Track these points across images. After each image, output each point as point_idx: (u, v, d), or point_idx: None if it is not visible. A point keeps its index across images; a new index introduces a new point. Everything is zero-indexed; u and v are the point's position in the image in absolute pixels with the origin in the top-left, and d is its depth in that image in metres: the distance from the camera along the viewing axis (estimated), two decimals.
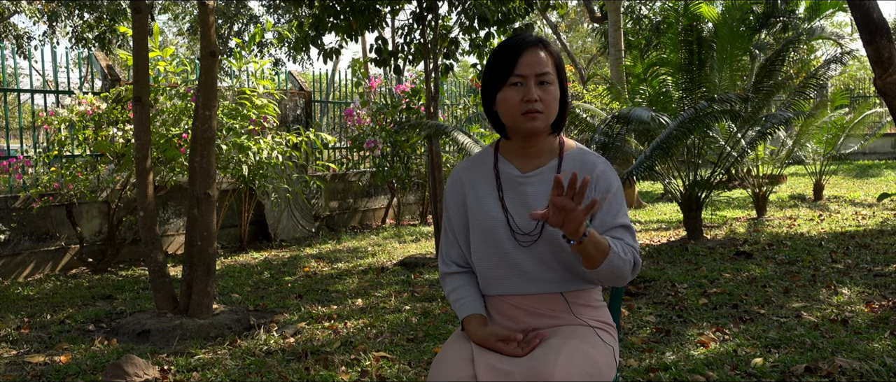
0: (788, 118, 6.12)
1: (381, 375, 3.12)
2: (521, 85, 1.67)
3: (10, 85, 6.53)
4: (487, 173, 1.80)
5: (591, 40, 28.31)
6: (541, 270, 1.72)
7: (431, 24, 5.99)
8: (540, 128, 1.70)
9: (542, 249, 1.71)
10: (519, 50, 1.68)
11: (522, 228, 1.71)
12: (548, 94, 1.68)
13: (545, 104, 1.68)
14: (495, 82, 1.71)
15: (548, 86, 1.68)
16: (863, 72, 22.62)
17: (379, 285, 5.14)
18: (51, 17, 14.62)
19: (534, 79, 1.67)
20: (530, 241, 1.71)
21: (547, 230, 1.70)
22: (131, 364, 3.14)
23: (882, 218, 7.69)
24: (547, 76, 1.68)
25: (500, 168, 1.79)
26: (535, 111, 1.67)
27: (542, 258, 1.71)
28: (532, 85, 1.67)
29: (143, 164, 4.11)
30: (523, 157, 1.78)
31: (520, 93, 1.67)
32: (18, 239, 5.75)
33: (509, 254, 1.72)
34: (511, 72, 1.67)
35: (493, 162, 1.81)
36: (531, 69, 1.67)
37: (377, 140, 8.37)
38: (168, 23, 25.56)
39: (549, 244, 1.70)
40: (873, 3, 4.25)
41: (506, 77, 1.68)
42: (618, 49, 10.92)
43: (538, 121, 1.68)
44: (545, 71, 1.68)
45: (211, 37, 4.02)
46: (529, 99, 1.66)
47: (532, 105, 1.66)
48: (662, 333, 3.63)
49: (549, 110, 1.69)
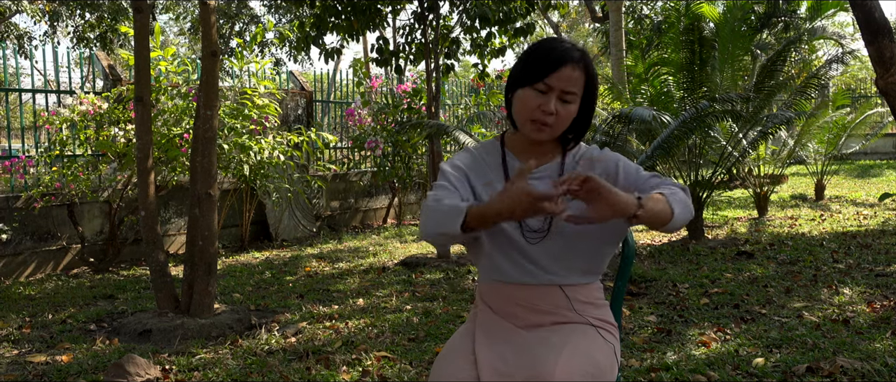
0: (790, 118, 6.11)
1: (383, 375, 3.12)
2: (544, 93, 1.66)
3: (11, 85, 6.54)
4: (496, 165, 1.79)
5: (592, 40, 28.30)
6: (546, 261, 1.71)
7: (433, 24, 5.99)
8: (543, 139, 1.71)
9: (550, 245, 1.70)
10: (561, 62, 1.65)
11: (531, 225, 1.71)
12: (565, 110, 1.68)
13: (558, 119, 1.67)
14: (522, 79, 1.70)
15: (567, 105, 1.68)
16: (864, 72, 22.59)
17: (380, 285, 5.14)
18: (52, 17, 14.62)
19: (558, 93, 1.66)
20: (538, 238, 1.70)
21: (555, 226, 1.69)
22: (133, 363, 3.14)
23: (883, 219, 7.68)
24: (571, 95, 1.67)
25: (508, 162, 1.78)
26: (545, 124, 1.67)
27: (549, 251, 1.71)
28: (554, 98, 1.66)
29: (145, 164, 4.11)
30: (528, 152, 1.77)
31: (539, 101, 1.66)
32: (20, 239, 5.76)
33: (517, 246, 1.71)
34: (541, 78, 1.66)
35: (501, 155, 1.80)
36: (560, 84, 1.65)
37: (378, 140, 8.37)
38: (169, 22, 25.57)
39: (557, 240, 1.70)
40: (875, 3, 4.25)
41: (534, 80, 1.67)
42: (619, 49, 10.92)
43: (543, 133, 1.69)
44: (572, 91, 1.67)
45: (212, 36, 4.02)
46: (546, 110, 1.66)
47: (545, 117, 1.66)
48: (664, 333, 3.63)
49: (559, 126, 1.69)
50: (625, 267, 1.98)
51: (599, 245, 1.74)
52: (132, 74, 5.70)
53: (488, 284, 1.78)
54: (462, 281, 5.16)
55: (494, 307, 1.77)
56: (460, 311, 4.20)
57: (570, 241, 1.70)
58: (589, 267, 1.75)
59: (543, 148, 1.77)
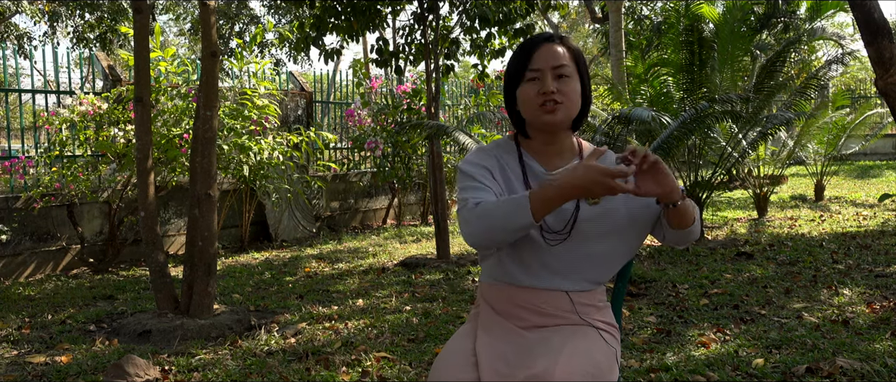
0: (789, 119, 6.12)
1: (382, 375, 3.12)
2: (537, 79, 1.66)
3: (10, 85, 6.54)
4: (514, 163, 1.75)
5: (592, 41, 28.30)
6: (557, 265, 1.70)
7: (432, 25, 5.99)
8: (559, 120, 1.66)
9: (566, 251, 1.69)
10: (534, 46, 1.67)
11: (552, 227, 1.68)
12: (567, 87, 1.66)
13: (565, 95, 1.65)
14: (514, 81, 1.70)
15: (566, 79, 1.66)
16: (864, 72, 22.60)
17: (380, 285, 5.14)
18: (51, 17, 14.61)
19: (550, 72, 1.65)
20: (559, 240, 1.69)
21: (576, 231, 1.68)
22: (132, 364, 3.14)
23: (883, 219, 7.68)
24: (564, 69, 1.66)
25: (526, 162, 1.76)
26: (554, 102, 1.64)
27: (561, 257, 1.69)
28: (549, 77, 1.65)
29: (145, 165, 4.11)
30: (545, 156, 1.75)
31: (537, 87, 1.66)
32: (20, 240, 5.75)
33: (534, 250, 1.69)
34: (526, 67, 1.66)
35: (518, 155, 1.76)
36: (547, 62, 1.65)
37: (378, 140, 8.37)
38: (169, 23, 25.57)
39: (574, 245, 1.69)
40: (875, 4, 4.25)
41: (523, 73, 1.67)
42: (619, 49, 10.93)
43: (558, 112, 1.65)
44: (562, 63, 1.66)
45: (212, 37, 4.02)
46: (546, 91, 1.64)
47: (549, 97, 1.64)
48: (663, 334, 3.63)
49: (569, 102, 1.66)
50: (625, 267, 1.98)
51: (615, 253, 1.73)
52: (132, 75, 5.70)
53: (492, 284, 1.77)
54: (462, 281, 5.16)
55: (497, 307, 1.76)
56: (460, 312, 4.20)
57: (589, 245, 1.68)
58: (598, 276, 1.74)
59: (558, 146, 1.75)
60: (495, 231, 1.55)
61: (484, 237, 1.58)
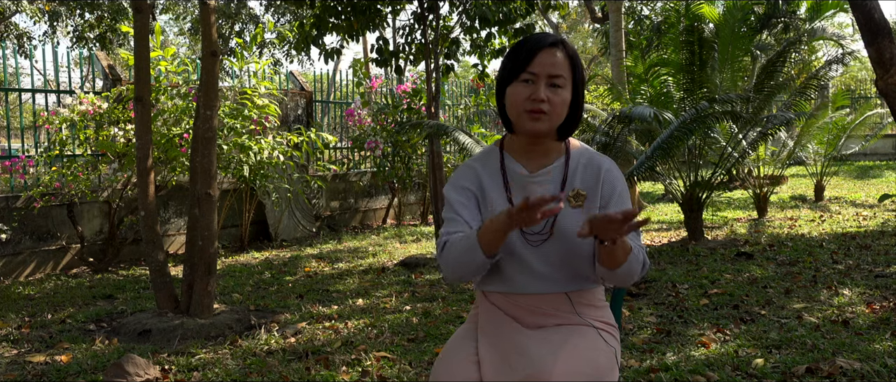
0: (789, 119, 6.11)
1: (382, 375, 3.12)
2: (531, 83, 1.65)
3: (11, 84, 6.54)
4: (494, 171, 1.77)
5: (592, 41, 28.32)
6: (548, 269, 1.70)
7: (432, 25, 5.99)
8: (542, 129, 1.67)
9: (551, 248, 1.69)
10: (537, 47, 1.66)
11: (532, 228, 1.68)
12: (557, 96, 1.66)
13: (552, 106, 1.65)
14: (508, 76, 1.69)
15: (558, 89, 1.66)
16: (864, 72, 22.61)
17: (380, 285, 5.14)
18: (52, 17, 14.62)
19: (545, 79, 1.65)
20: (540, 240, 1.69)
21: (557, 229, 1.68)
22: (132, 363, 3.14)
23: (883, 220, 7.69)
24: (559, 79, 1.66)
25: (507, 166, 1.76)
26: (540, 111, 1.64)
27: (549, 257, 1.70)
28: (542, 84, 1.65)
29: (145, 164, 4.11)
30: (529, 156, 1.75)
31: (528, 91, 1.65)
32: (20, 239, 5.75)
33: (518, 253, 1.70)
34: (524, 68, 1.66)
35: (500, 160, 1.77)
36: (544, 69, 1.65)
37: (378, 140, 8.37)
38: (169, 22, 25.57)
39: (559, 243, 1.69)
40: (875, 4, 4.25)
41: (518, 72, 1.67)
42: (619, 49, 10.91)
43: (541, 122, 1.66)
44: (559, 73, 1.65)
45: (212, 37, 4.02)
46: (536, 98, 1.64)
47: (538, 105, 1.64)
48: (663, 334, 3.63)
49: (554, 113, 1.66)
50: None
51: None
52: (132, 74, 5.70)
53: (492, 294, 1.77)
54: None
55: (496, 308, 1.77)
56: (460, 311, 4.20)
57: (573, 243, 1.68)
58: (592, 272, 1.73)
59: (544, 147, 1.75)
60: (460, 268, 1.65)
61: (453, 275, 1.68)
